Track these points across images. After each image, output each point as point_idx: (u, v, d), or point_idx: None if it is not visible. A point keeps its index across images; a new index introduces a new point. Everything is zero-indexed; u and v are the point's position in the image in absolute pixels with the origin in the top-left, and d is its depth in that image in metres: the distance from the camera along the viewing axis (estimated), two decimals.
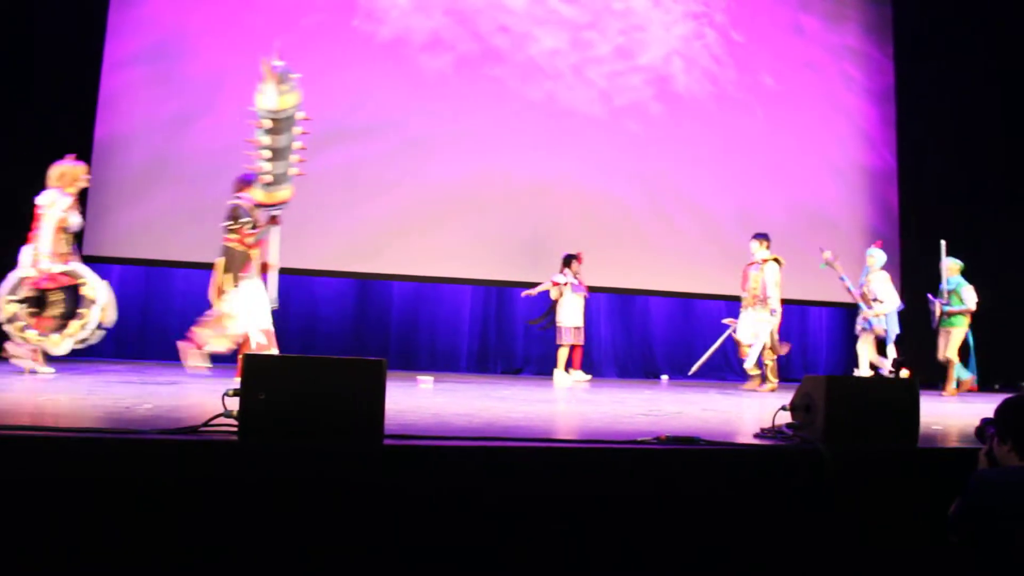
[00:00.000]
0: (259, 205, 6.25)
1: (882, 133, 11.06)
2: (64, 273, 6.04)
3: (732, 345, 9.00)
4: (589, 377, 8.82)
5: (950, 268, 8.84)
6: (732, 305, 10.80)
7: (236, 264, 6.33)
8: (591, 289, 9.11)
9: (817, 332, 11.90)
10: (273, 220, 6.47)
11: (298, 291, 9.86)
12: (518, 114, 9.82)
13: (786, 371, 11.29)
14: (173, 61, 8.97)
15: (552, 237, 9.47)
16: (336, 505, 2.65)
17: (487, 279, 9.84)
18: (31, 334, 5.90)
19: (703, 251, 9.97)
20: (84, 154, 8.44)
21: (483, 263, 9.55)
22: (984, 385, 10.01)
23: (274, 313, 10.13)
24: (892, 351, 8.63)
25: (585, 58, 10.19)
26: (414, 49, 9.62)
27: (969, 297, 8.65)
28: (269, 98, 5.75)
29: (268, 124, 5.83)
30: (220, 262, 6.39)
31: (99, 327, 6.24)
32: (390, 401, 2.91)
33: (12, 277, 5.93)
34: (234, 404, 2.73)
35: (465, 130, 9.63)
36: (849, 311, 11.46)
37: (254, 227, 6.33)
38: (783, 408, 3.45)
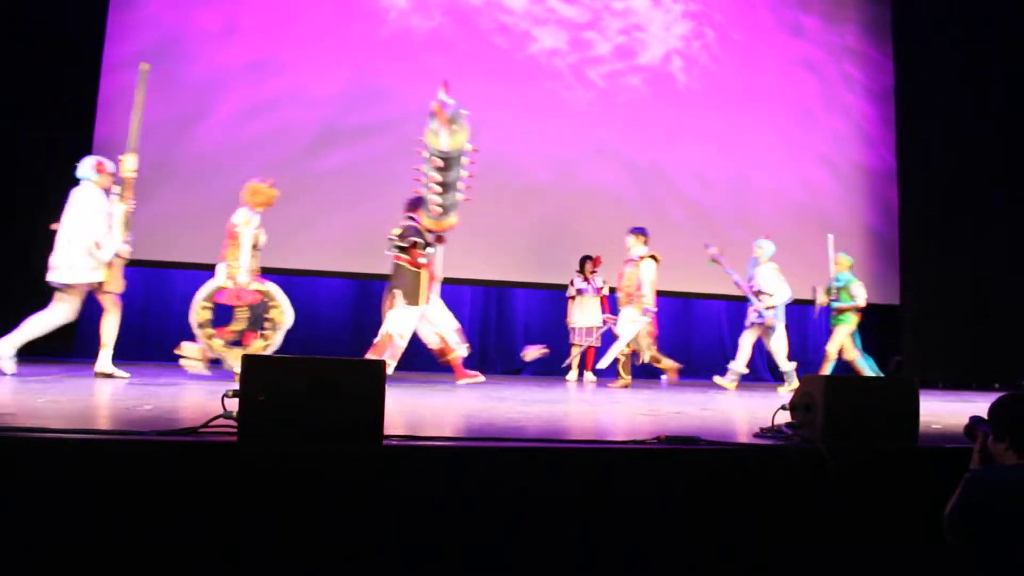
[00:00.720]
0: (428, 231, 6.65)
1: (882, 133, 11.06)
2: (258, 291, 6.26)
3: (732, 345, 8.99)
4: (595, 379, 8.81)
5: (840, 264, 8.70)
6: (731, 305, 10.83)
7: (404, 282, 6.65)
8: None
9: (816, 332, 11.89)
10: (439, 239, 6.86)
11: (298, 291, 9.84)
12: (518, 114, 9.81)
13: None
14: (173, 63, 8.96)
15: (551, 237, 9.48)
16: (337, 506, 2.65)
17: (487, 279, 9.85)
18: (217, 343, 6.11)
19: (702, 251, 9.96)
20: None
21: (483, 263, 9.55)
22: (984, 384, 10.03)
23: None
24: (781, 343, 8.43)
25: (585, 58, 10.19)
26: (413, 49, 9.62)
27: (859, 293, 8.47)
28: (442, 140, 6.22)
29: (439, 163, 6.33)
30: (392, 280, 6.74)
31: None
32: (390, 401, 2.91)
33: (210, 285, 6.15)
34: (234, 405, 2.74)
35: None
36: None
37: (425, 247, 6.67)
38: (783, 408, 3.45)
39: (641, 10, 10.49)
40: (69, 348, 8.39)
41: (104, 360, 6.09)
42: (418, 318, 6.77)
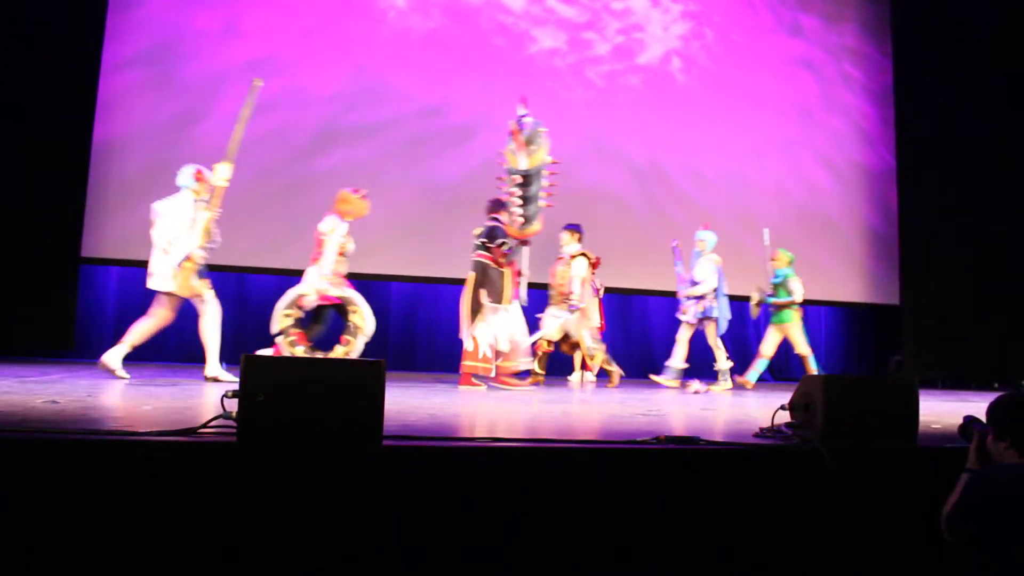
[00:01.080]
0: (512, 238, 6.88)
1: (881, 132, 11.06)
2: (339, 297, 6.44)
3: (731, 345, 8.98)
4: (594, 379, 8.78)
5: (779, 259, 8.52)
6: (732, 304, 10.82)
7: (490, 280, 6.76)
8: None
9: (816, 332, 11.90)
10: (524, 242, 7.03)
11: None
12: (515, 114, 9.81)
13: (785, 371, 11.32)
14: (171, 63, 8.96)
15: (551, 237, 9.46)
16: (336, 506, 2.65)
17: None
18: (299, 350, 6.29)
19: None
20: (83, 156, 8.48)
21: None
22: (983, 384, 10.03)
23: (272, 315, 10.14)
24: (718, 339, 8.31)
25: (584, 58, 10.19)
26: (412, 49, 9.62)
27: (796, 289, 8.33)
28: (520, 161, 6.65)
29: (519, 180, 6.71)
30: (472, 277, 6.82)
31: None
32: (389, 402, 2.91)
33: (292, 293, 6.36)
34: (233, 405, 2.73)
35: (463, 130, 9.63)
36: (849, 310, 11.48)
37: (509, 248, 6.82)
38: (782, 407, 3.45)
39: (640, 10, 10.48)
40: (69, 348, 8.39)
41: (115, 354, 6.12)
42: (505, 316, 6.82)
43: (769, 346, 8.50)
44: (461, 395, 5.81)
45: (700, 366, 8.89)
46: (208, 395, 4.56)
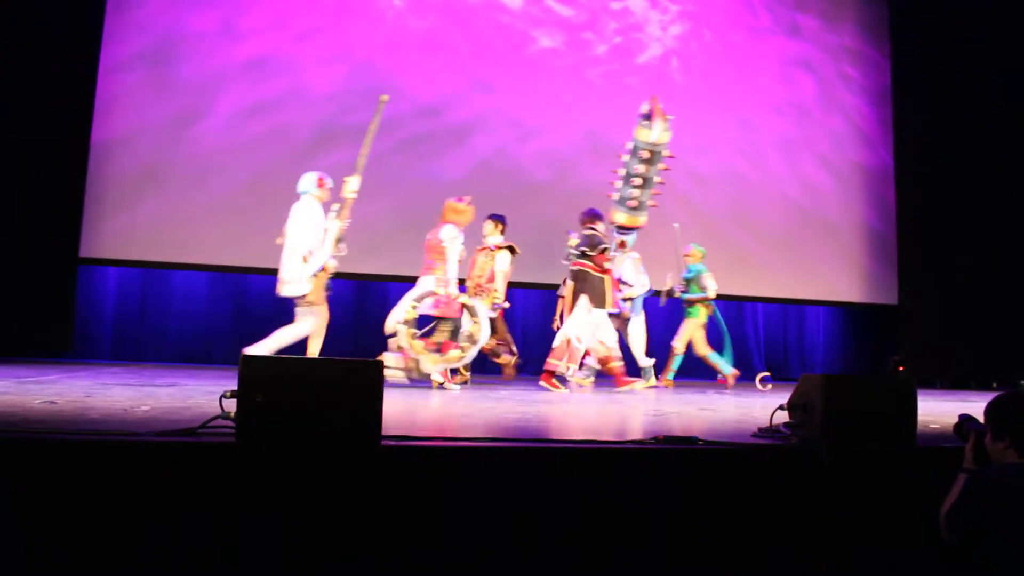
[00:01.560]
0: (621, 228, 7.09)
1: (879, 132, 11.06)
2: (464, 305, 6.64)
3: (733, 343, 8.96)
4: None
5: (693, 255, 8.41)
6: (730, 304, 10.83)
7: (591, 286, 6.94)
8: None
9: (814, 331, 11.92)
10: (622, 244, 7.21)
11: None
12: (516, 114, 9.82)
13: (784, 370, 11.33)
14: (170, 64, 8.96)
15: (550, 237, 9.46)
16: (334, 506, 2.65)
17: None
18: (418, 344, 6.37)
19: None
20: (81, 156, 8.47)
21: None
22: (982, 384, 10.03)
23: (272, 315, 10.16)
24: (639, 336, 8.13)
25: (582, 58, 10.18)
26: (410, 49, 9.61)
27: (709, 285, 8.22)
28: (655, 133, 6.73)
29: (646, 155, 6.85)
30: (571, 286, 7.05)
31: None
32: (388, 402, 2.91)
33: (422, 287, 6.52)
34: (232, 406, 2.73)
35: (461, 130, 9.63)
36: (848, 310, 11.49)
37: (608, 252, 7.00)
38: (781, 407, 3.45)
39: (638, 11, 10.48)
40: (67, 349, 8.39)
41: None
42: (599, 322, 7.03)
43: (681, 343, 8.33)
44: (458, 396, 5.81)
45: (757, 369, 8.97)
46: (206, 396, 4.55)
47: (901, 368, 9.86)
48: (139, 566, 2.50)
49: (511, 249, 7.55)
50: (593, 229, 7.21)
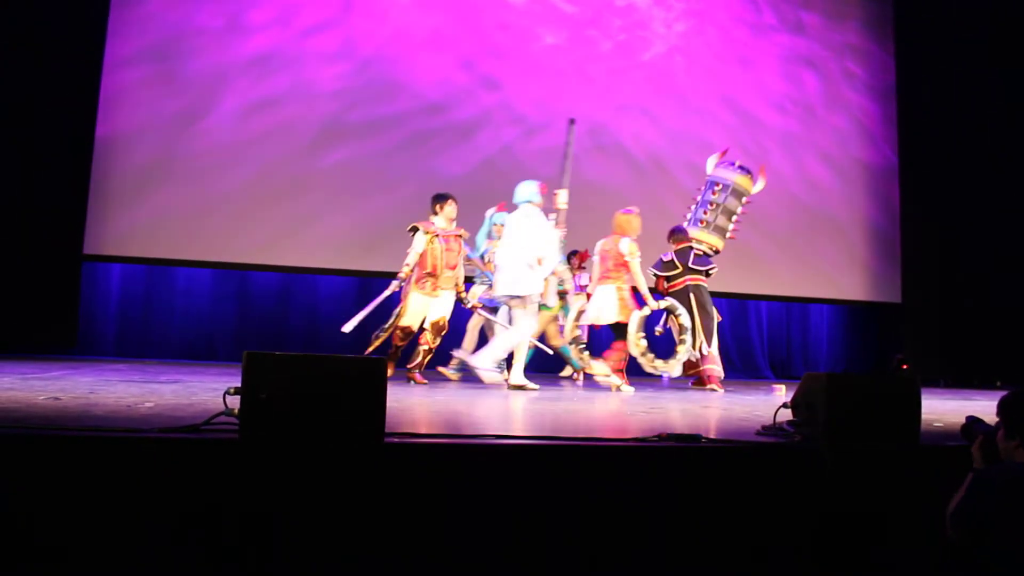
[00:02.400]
0: (716, 251, 8.01)
1: (883, 130, 11.04)
2: (665, 309, 7.21)
3: (732, 341, 8.95)
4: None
5: None
6: (732, 303, 10.83)
7: (704, 297, 7.51)
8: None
9: (818, 329, 11.90)
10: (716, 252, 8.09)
11: (299, 289, 9.88)
12: (519, 110, 9.81)
13: (787, 369, 11.32)
14: (174, 60, 8.96)
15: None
16: (337, 503, 2.66)
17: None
18: (659, 363, 6.96)
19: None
20: (85, 153, 8.48)
21: None
22: (986, 382, 10.02)
23: (275, 312, 10.17)
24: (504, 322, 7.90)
25: (586, 56, 10.17)
26: (415, 46, 9.61)
27: (566, 278, 8.01)
28: (757, 187, 8.21)
29: (746, 201, 8.17)
30: (694, 299, 7.44)
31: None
32: (391, 399, 2.91)
33: (635, 318, 6.82)
34: (235, 402, 2.74)
35: (467, 126, 9.63)
36: (852, 308, 11.48)
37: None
38: (784, 405, 3.45)
39: (642, 7, 10.47)
40: (71, 345, 8.40)
41: (517, 372, 6.44)
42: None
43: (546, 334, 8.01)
44: (462, 394, 5.81)
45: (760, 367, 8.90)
46: (210, 393, 4.56)
47: (905, 366, 9.85)
48: (142, 563, 2.50)
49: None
50: (689, 243, 7.77)
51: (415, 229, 6.79)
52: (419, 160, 9.42)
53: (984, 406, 5.27)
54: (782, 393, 7.24)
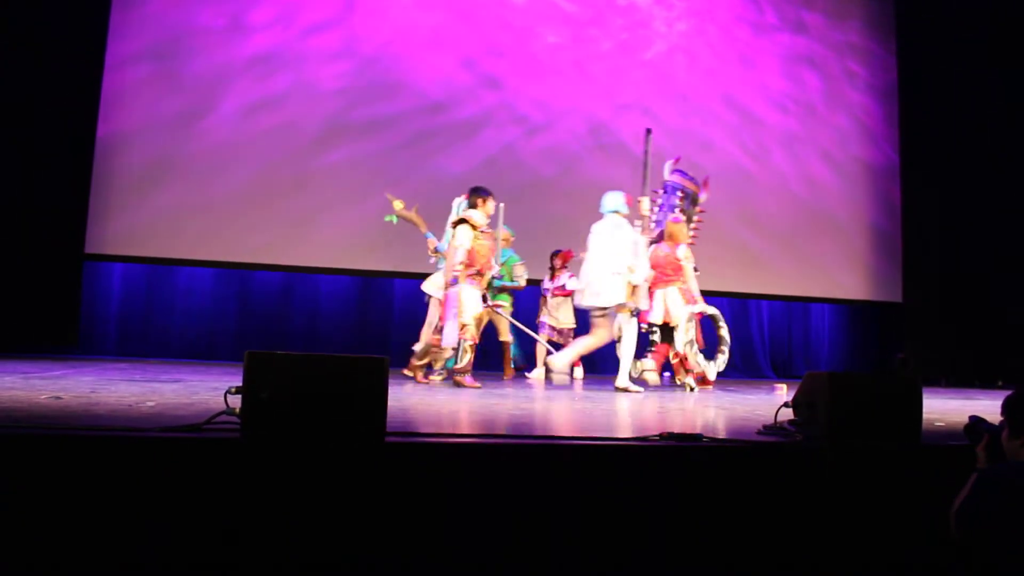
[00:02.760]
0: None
1: (885, 129, 11.04)
2: (709, 315, 7.28)
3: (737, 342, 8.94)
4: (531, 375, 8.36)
5: (508, 238, 7.85)
6: (734, 302, 10.82)
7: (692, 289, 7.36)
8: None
9: (819, 329, 11.90)
10: None
11: (300, 288, 9.87)
12: (520, 110, 9.82)
13: (788, 368, 11.32)
14: (176, 59, 8.97)
15: (554, 233, 9.46)
16: (338, 502, 2.66)
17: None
18: (702, 360, 7.10)
19: (703, 247, 9.95)
20: (87, 152, 8.49)
21: None
22: (987, 382, 10.01)
23: (277, 312, 10.16)
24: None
25: (587, 55, 10.17)
26: (417, 45, 9.61)
27: (520, 273, 7.83)
28: (702, 199, 8.11)
29: (698, 209, 8.09)
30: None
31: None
32: (392, 398, 2.91)
33: (682, 316, 7.04)
34: (237, 402, 2.74)
35: (469, 125, 9.63)
36: (853, 308, 11.47)
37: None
38: (786, 405, 3.45)
39: (644, 6, 10.47)
40: (73, 345, 8.41)
41: (622, 376, 6.57)
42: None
43: (505, 333, 7.97)
44: (462, 393, 5.81)
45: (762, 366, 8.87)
46: (211, 392, 4.56)
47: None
48: (144, 562, 2.50)
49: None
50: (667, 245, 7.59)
51: (462, 221, 6.47)
52: (421, 159, 9.43)
53: (986, 405, 5.28)
54: (783, 393, 7.23)
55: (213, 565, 2.55)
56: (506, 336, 7.98)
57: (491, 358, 8.64)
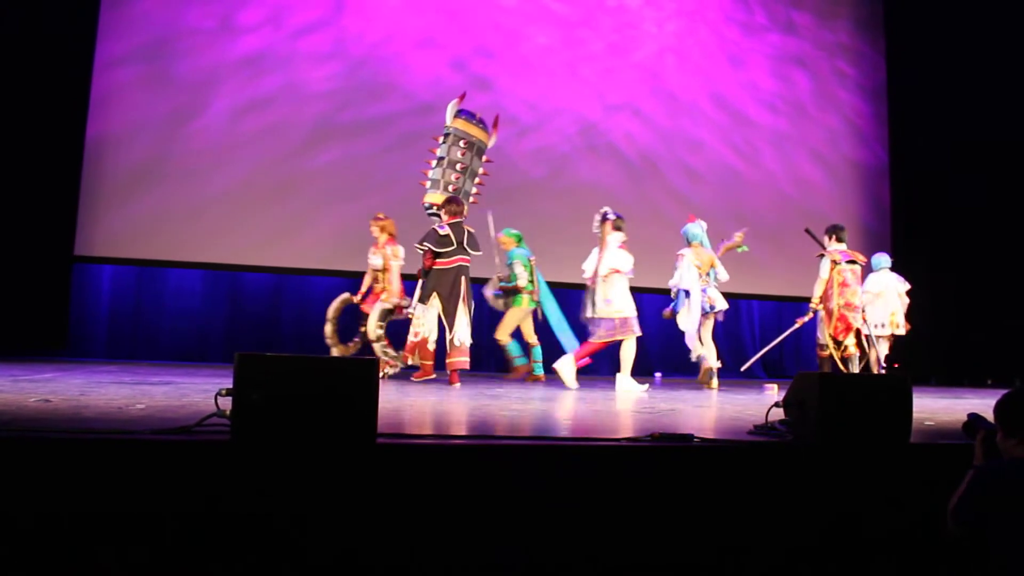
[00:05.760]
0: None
1: (874, 129, 11.08)
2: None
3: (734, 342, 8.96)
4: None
5: (504, 241, 7.85)
6: (731, 303, 10.83)
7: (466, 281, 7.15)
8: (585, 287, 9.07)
9: (810, 329, 11.89)
10: None
11: (290, 290, 9.84)
12: (510, 112, 9.81)
13: (779, 368, 11.33)
14: (165, 60, 8.94)
15: (544, 234, 9.47)
16: (330, 504, 2.65)
17: (480, 276, 9.82)
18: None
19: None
20: (76, 154, 8.45)
21: (476, 261, 9.52)
22: (976, 381, 10.04)
23: (267, 313, 10.13)
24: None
25: (578, 55, 10.18)
26: (406, 47, 9.60)
27: (520, 273, 7.66)
28: (491, 142, 7.59)
29: (485, 159, 7.55)
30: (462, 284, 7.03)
31: None
32: (383, 400, 2.91)
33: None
34: (227, 404, 2.73)
35: None
36: None
37: None
38: (776, 405, 3.46)
39: (633, 7, 10.48)
40: (62, 347, 8.37)
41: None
42: None
43: (509, 331, 7.88)
44: (454, 394, 5.81)
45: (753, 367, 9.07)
46: (202, 394, 4.55)
47: (896, 365, 9.87)
48: (134, 565, 2.49)
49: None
50: (463, 218, 7.20)
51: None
52: (411, 161, 9.38)
53: (974, 404, 5.30)
54: (774, 392, 7.24)
55: (204, 568, 2.54)
56: (499, 335, 7.91)
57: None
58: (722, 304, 8.03)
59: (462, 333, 6.82)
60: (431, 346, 6.86)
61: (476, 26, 9.90)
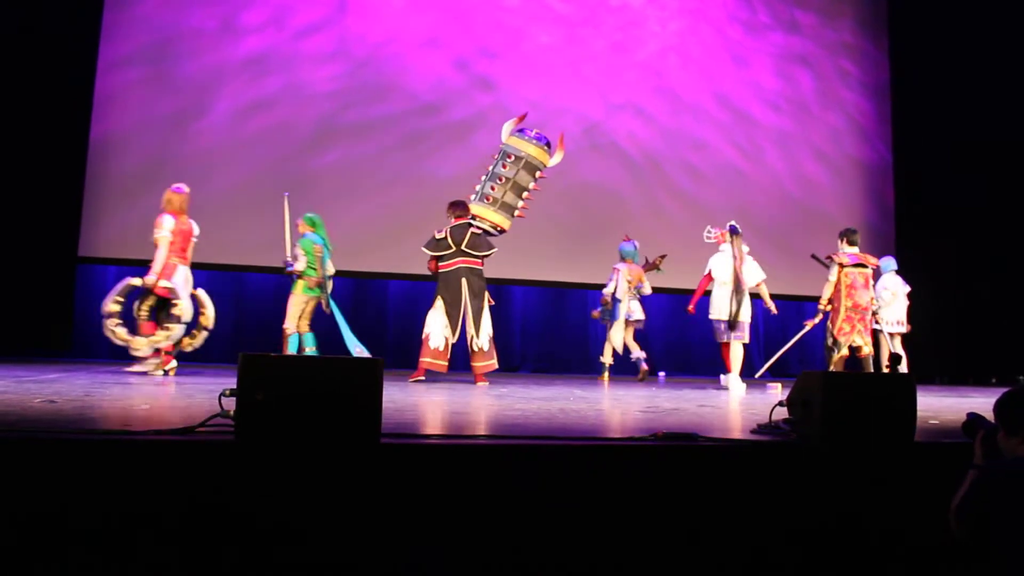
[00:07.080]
0: (500, 231, 7.48)
1: (877, 128, 11.06)
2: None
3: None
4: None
5: (301, 225, 7.51)
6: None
7: (476, 283, 7.20)
8: (587, 286, 9.10)
9: (814, 328, 11.89)
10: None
11: None
12: (513, 110, 9.80)
13: (783, 367, 11.31)
14: (168, 61, 8.95)
15: (547, 234, 9.47)
16: (334, 504, 2.65)
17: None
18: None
19: (699, 247, 9.97)
20: (79, 154, 8.46)
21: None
22: (981, 380, 10.03)
23: (271, 314, 10.13)
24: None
25: (580, 55, 10.17)
26: (409, 47, 9.61)
27: (298, 256, 7.39)
28: (554, 160, 7.59)
29: (539, 175, 7.55)
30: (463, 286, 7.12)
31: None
32: (387, 400, 2.91)
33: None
34: (231, 404, 2.73)
35: (461, 127, 9.62)
36: None
37: None
38: (780, 404, 3.45)
39: (636, 6, 10.48)
40: (66, 348, 8.38)
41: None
42: None
43: (295, 320, 7.64)
44: (458, 394, 5.81)
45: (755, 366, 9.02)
46: (206, 394, 4.55)
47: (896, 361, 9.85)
48: (136, 566, 2.49)
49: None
50: (468, 221, 7.23)
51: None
52: (414, 161, 9.42)
53: (980, 403, 5.29)
54: (778, 391, 7.25)
55: (209, 568, 2.55)
56: (302, 327, 7.64)
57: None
58: (639, 315, 8.85)
59: (481, 338, 6.99)
60: (431, 346, 6.97)
61: (479, 26, 9.90)
